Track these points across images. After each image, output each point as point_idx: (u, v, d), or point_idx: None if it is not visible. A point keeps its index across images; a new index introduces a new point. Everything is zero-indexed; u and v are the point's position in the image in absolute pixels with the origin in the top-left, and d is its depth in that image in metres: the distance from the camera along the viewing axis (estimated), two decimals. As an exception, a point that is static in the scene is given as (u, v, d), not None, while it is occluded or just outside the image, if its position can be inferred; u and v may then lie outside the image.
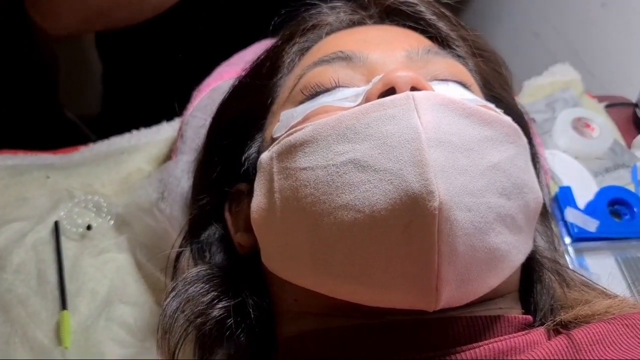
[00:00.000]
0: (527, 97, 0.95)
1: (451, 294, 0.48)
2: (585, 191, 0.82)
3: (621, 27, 1.24)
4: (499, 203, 0.49)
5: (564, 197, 0.81)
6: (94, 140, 0.88)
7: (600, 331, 0.50)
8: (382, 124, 0.49)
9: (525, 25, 1.44)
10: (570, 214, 0.78)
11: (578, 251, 0.78)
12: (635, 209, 0.80)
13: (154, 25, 0.94)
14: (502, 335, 0.51)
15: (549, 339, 0.52)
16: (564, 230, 0.80)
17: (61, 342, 0.67)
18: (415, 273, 0.47)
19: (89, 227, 0.76)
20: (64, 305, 0.69)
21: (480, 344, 0.50)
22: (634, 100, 0.98)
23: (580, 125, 0.90)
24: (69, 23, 0.89)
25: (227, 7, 1.02)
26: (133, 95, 1.14)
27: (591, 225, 0.77)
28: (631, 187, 0.84)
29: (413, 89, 0.52)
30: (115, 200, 0.79)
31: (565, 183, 0.83)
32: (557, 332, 0.54)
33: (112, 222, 0.77)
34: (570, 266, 0.77)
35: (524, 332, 0.52)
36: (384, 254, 0.47)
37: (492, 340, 0.50)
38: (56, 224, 0.76)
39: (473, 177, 0.48)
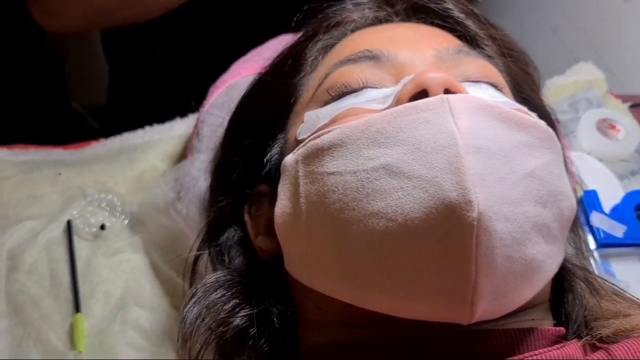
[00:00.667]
0: (550, 96, 0.93)
1: (486, 307, 0.46)
2: (610, 195, 0.80)
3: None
4: (535, 212, 0.48)
5: (590, 201, 0.79)
6: (100, 131, 0.87)
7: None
8: (416, 128, 0.47)
9: (544, 21, 1.41)
10: (597, 219, 0.76)
11: (603, 257, 0.76)
12: (663, 214, 0.78)
13: (162, 22, 0.91)
14: (536, 349, 0.49)
15: (586, 354, 0.50)
16: (589, 235, 0.78)
17: (75, 346, 0.66)
18: (450, 286, 0.45)
19: (102, 227, 0.74)
20: (77, 307, 0.68)
21: (514, 358, 0.48)
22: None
23: (605, 127, 0.88)
24: (71, 22, 0.87)
25: (240, 2, 1.00)
26: (140, 92, 1.12)
27: (618, 230, 0.76)
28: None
29: (446, 91, 0.50)
30: (129, 198, 0.77)
31: (590, 186, 0.81)
32: (593, 346, 0.52)
33: (126, 221, 0.75)
34: (596, 272, 0.75)
35: (559, 346, 0.50)
36: (418, 265, 0.45)
37: (527, 355, 0.48)
38: (69, 223, 0.74)
39: (510, 186, 0.46)
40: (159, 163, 0.82)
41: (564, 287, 0.58)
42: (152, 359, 0.65)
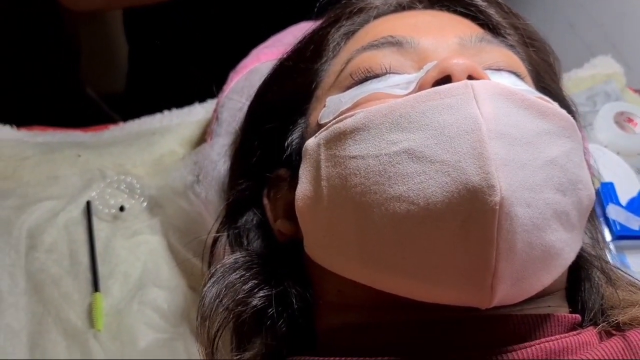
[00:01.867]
0: (568, 89, 0.92)
1: (506, 291, 0.46)
2: (627, 188, 0.80)
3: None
4: (555, 199, 0.48)
5: (607, 193, 0.79)
6: (115, 119, 0.87)
7: (658, 334, 0.49)
8: (439, 113, 0.47)
9: (561, 17, 1.41)
10: (613, 211, 0.77)
11: (619, 248, 0.77)
12: (679, 209, 0.78)
13: (184, 5, 0.92)
14: (553, 335, 0.50)
15: (601, 340, 0.51)
16: (604, 227, 0.78)
17: (94, 325, 0.66)
18: (470, 269, 0.45)
19: (121, 209, 0.75)
20: (96, 287, 0.69)
21: (532, 343, 0.48)
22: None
23: (623, 120, 0.88)
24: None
25: None
26: (160, 76, 1.12)
27: (634, 223, 0.76)
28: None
29: (469, 77, 0.50)
30: (148, 181, 0.78)
31: (607, 179, 0.81)
32: (609, 334, 0.52)
33: (145, 203, 0.76)
34: (612, 263, 0.75)
35: (575, 332, 0.51)
36: (439, 249, 0.46)
37: (543, 340, 0.49)
38: (88, 204, 0.75)
39: (532, 172, 0.46)
40: (177, 147, 0.82)
41: (580, 276, 0.58)
42: (169, 338, 0.66)
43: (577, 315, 0.53)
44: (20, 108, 1.08)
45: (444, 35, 0.58)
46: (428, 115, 0.47)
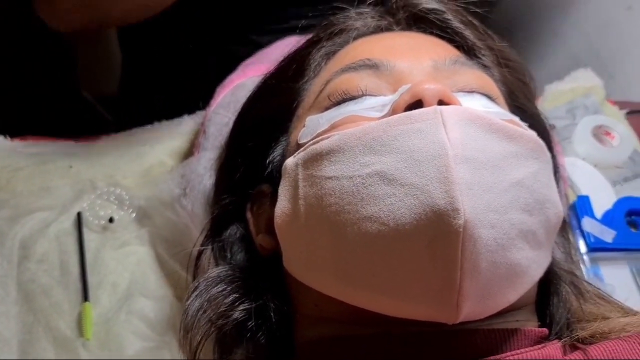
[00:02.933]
0: (549, 102, 0.95)
1: (471, 308, 0.49)
2: (603, 200, 0.82)
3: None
4: (521, 219, 0.50)
5: (582, 206, 0.81)
6: (110, 121, 0.88)
7: (616, 349, 0.51)
8: (409, 138, 0.49)
9: (545, 25, 1.43)
10: (588, 224, 0.79)
11: (593, 260, 0.79)
12: (653, 221, 0.81)
13: (176, 19, 0.93)
14: (519, 349, 0.52)
15: (565, 354, 0.53)
16: (580, 239, 0.80)
17: (83, 334, 0.68)
18: (437, 288, 0.47)
19: (111, 220, 0.77)
20: (86, 297, 0.71)
21: (498, 357, 0.51)
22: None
23: (601, 133, 0.90)
24: (71, 21, 0.85)
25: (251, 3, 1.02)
26: (150, 86, 1.14)
27: (608, 235, 0.78)
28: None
29: (440, 102, 0.52)
30: (137, 192, 0.80)
31: (584, 192, 0.83)
32: (573, 347, 0.54)
33: (133, 215, 0.78)
34: (585, 276, 0.77)
35: (540, 346, 0.53)
36: (407, 267, 0.48)
37: (509, 353, 0.51)
38: (79, 215, 0.77)
39: (497, 194, 0.48)
40: (166, 158, 0.84)
41: (550, 290, 0.60)
42: (156, 347, 0.68)
43: (545, 329, 0.56)
44: (16, 113, 1.10)
45: (419, 58, 0.60)
46: (399, 139, 0.50)
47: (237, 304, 0.59)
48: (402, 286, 0.49)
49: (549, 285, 0.60)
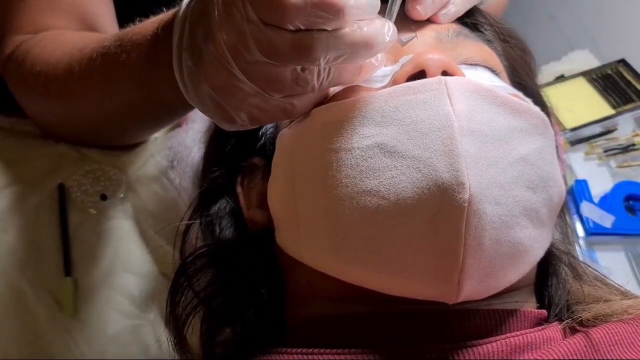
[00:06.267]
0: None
1: (473, 287, 0.47)
2: (600, 184, 0.82)
3: (638, 11, 1.21)
4: (525, 196, 0.48)
5: (580, 190, 0.80)
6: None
7: (619, 331, 0.50)
8: (412, 109, 0.47)
9: (541, 7, 1.41)
10: (587, 209, 0.78)
11: (589, 244, 0.78)
12: (650, 206, 0.80)
13: None
14: (518, 330, 0.51)
15: (565, 336, 0.52)
16: (577, 223, 0.79)
17: (64, 310, 0.66)
18: (438, 265, 0.46)
19: (103, 197, 0.73)
20: (67, 271, 0.68)
21: (497, 338, 0.49)
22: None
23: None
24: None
25: None
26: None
27: (607, 220, 0.77)
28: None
29: (444, 73, 0.50)
30: (121, 165, 0.76)
31: (581, 176, 0.82)
32: (573, 329, 0.53)
33: (121, 194, 0.74)
34: (581, 259, 0.76)
35: (540, 328, 0.51)
36: (408, 244, 0.46)
37: (508, 335, 0.49)
38: (61, 188, 0.73)
39: (503, 169, 0.47)
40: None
41: (549, 271, 0.59)
42: (139, 325, 0.65)
43: (544, 311, 0.54)
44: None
45: (421, 29, 0.57)
46: (401, 110, 0.47)
47: (226, 278, 0.57)
48: (401, 263, 0.47)
49: (547, 266, 0.59)
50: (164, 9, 0.58)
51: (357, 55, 0.45)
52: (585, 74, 0.93)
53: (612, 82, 0.91)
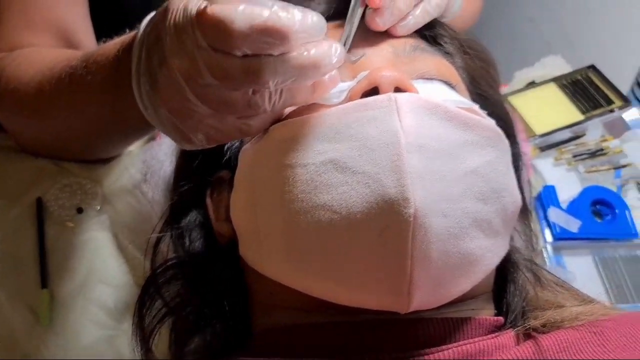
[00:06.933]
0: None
1: (423, 297, 0.48)
2: (568, 189, 0.83)
3: (617, 17, 1.23)
4: (475, 208, 0.50)
5: (548, 196, 0.81)
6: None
7: (567, 338, 0.51)
8: (363, 125, 0.49)
9: (521, 10, 1.43)
10: (554, 214, 0.79)
11: (557, 249, 0.79)
12: (617, 210, 0.81)
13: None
14: (472, 337, 0.52)
15: (518, 343, 0.53)
16: (546, 228, 0.80)
17: (40, 321, 0.68)
18: (388, 277, 0.47)
19: (79, 210, 0.75)
20: (44, 284, 0.70)
21: (449, 345, 0.51)
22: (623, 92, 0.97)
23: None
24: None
25: None
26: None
27: (573, 225, 0.78)
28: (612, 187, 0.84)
29: (397, 89, 0.51)
30: (97, 177, 0.78)
31: (550, 181, 0.84)
32: (527, 336, 0.54)
33: (98, 206, 0.76)
34: (548, 264, 0.78)
35: (493, 335, 0.53)
36: (359, 256, 0.48)
37: (461, 342, 0.51)
38: (39, 202, 0.75)
39: (451, 183, 0.48)
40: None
41: (507, 278, 0.61)
42: (113, 336, 0.67)
43: (500, 318, 0.56)
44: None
45: (379, 45, 0.59)
46: (353, 127, 0.49)
47: (193, 290, 0.59)
48: (354, 275, 0.48)
49: (506, 273, 0.61)
50: (137, 25, 0.60)
51: (305, 77, 0.47)
52: (556, 79, 0.94)
53: (581, 87, 0.93)
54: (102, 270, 0.72)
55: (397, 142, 0.47)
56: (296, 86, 0.48)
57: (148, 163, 0.74)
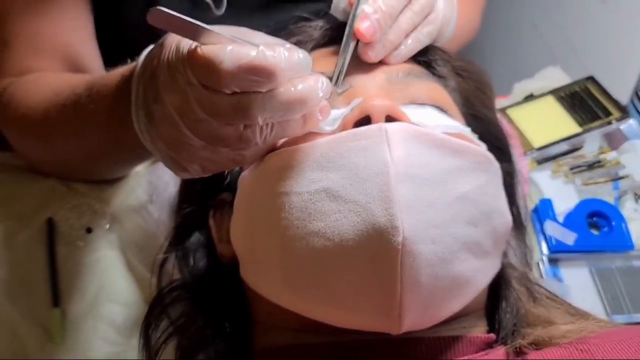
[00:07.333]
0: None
1: (414, 319, 0.51)
2: (565, 202, 0.84)
3: (619, 24, 1.24)
4: (465, 232, 0.52)
5: (544, 209, 0.83)
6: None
7: (554, 356, 0.53)
8: (355, 155, 0.51)
9: (525, 16, 1.44)
10: (550, 227, 0.81)
11: (553, 261, 0.81)
12: (613, 222, 0.82)
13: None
14: (462, 356, 0.54)
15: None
16: (542, 241, 0.82)
17: (52, 339, 0.70)
18: (379, 301, 0.49)
19: (89, 230, 0.77)
20: (55, 303, 0.72)
21: (440, 364, 0.53)
22: (623, 101, 0.98)
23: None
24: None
25: None
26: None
27: (569, 238, 0.80)
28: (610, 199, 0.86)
29: (388, 117, 0.53)
30: (106, 198, 0.80)
31: (547, 194, 0.85)
32: (517, 353, 0.56)
33: (107, 226, 0.79)
34: (544, 276, 0.79)
35: (484, 353, 0.55)
36: (351, 281, 0.50)
37: (451, 361, 0.53)
38: (49, 223, 0.78)
39: (440, 210, 0.50)
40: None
41: (500, 295, 0.62)
42: (122, 352, 0.70)
43: (491, 335, 0.58)
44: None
45: (372, 72, 0.61)
46: (345, 156, 0.51)
47: (196, 311, 0.61)
48: (346, 299, 0.50)
49: (499, 290, 0.62)
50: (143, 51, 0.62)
51: (294, 111, 0.49)
52: (554, 92, 0.96)
53: (579, 99, 0.94)
54: (111, 289, 0.74)
55: (386, 172, 0.49)
56: (286, 120, 0.50)
57: (154, 184, 0.77)
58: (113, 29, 0.83)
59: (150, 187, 0.77)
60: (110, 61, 0.67)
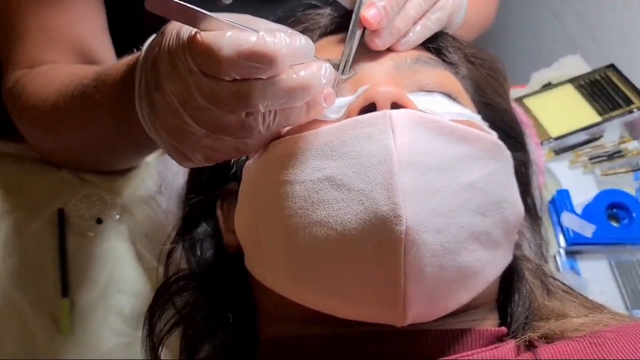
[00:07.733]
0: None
1: (419, 311, 0.49)
2: (584, 193, 0.82)
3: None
4: (472, 221, 0.50)
5: (561, 200, 0.80)
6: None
7: (566, 350, 0.51)
8: (358, 143, 0.49)
9: (545, 4, 1.41)
10: (567, 219, 0.78)
11: (570, 254, 0.78)
12: (634, 214, 0.80)
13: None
14: (471, 349, 0.53)
15: (518, 354, 0.53)
16: (559, 233, 0.80)
17: (60, 329, 0.70)
18: (383, 292, 0.48)
19: (99, 221, 0.77)
20: (65, 293, 0.72)
21: (448, 358, 0.51)
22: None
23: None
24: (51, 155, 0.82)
25: None
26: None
27: (587, 230, 0.77)
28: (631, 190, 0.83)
29: (394, 104, 0.52)
30: (117, 188, 0.80)
31: (564, 185, 0.83)
32: (528, 346, 0.55)
33: (117, 216, 0.79)
34: (561, 269, 0.77)
35: (493, 346, 0.53)
36: (355, 272, 0.49)
37: (460, 355, 0.52)
38: (60, 213, 0.78)
39: (445, 198, 0.49)
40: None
41: (512, 288, 0.61)
42: (130, 342, 0.70)
43: (502, 328, 0.56)
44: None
45: (379, 59, 0.59)
46: (348, 144, 0.50)
47: (201, 300, 0.61)
48: (350, 290, 0.49)
49: (511, 282, 0.61)
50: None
51: (295, 98, 0.48)
52: (573, 80, 0.93)
53: (599, 88, 0.91)
54: (121, 280, 0.74)
55: (389, 159, 0.48)
56: (289, 107, 0.49)
57: (163, 174, 0.76)
58: (126, 22, 0.83)
59: (159, 178, 0.77)
60: (124, 54, 0.67)
